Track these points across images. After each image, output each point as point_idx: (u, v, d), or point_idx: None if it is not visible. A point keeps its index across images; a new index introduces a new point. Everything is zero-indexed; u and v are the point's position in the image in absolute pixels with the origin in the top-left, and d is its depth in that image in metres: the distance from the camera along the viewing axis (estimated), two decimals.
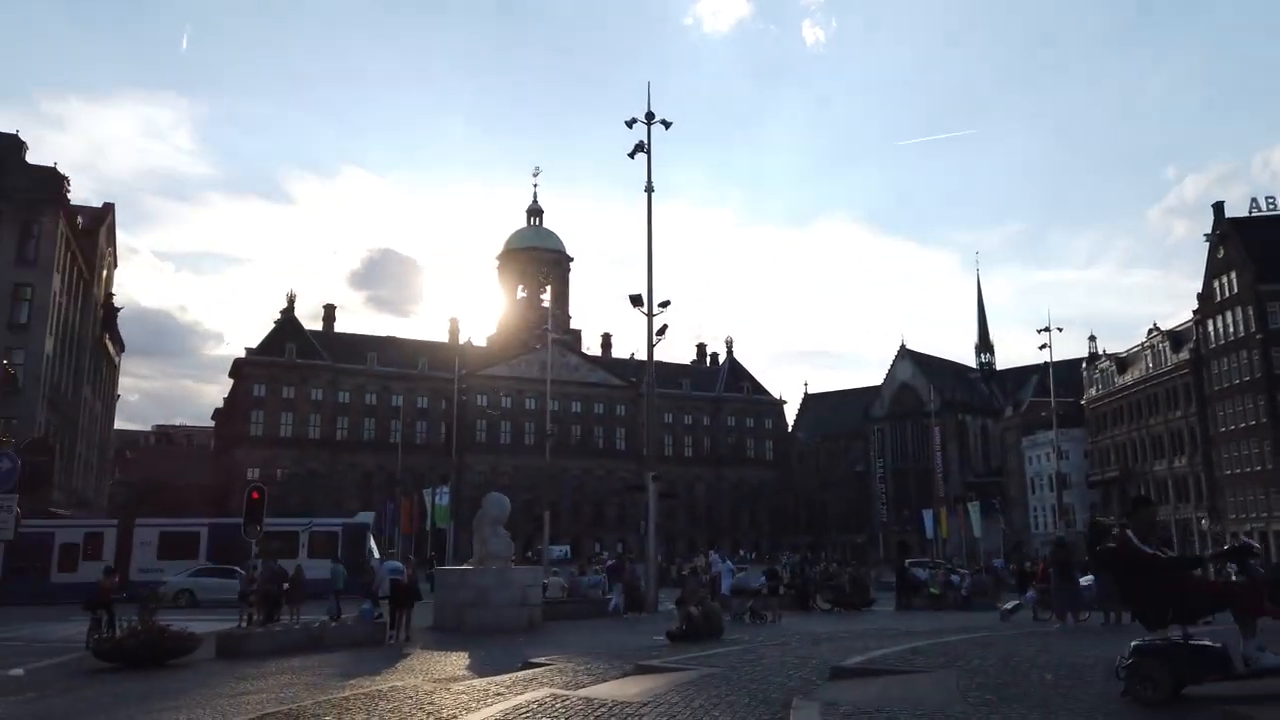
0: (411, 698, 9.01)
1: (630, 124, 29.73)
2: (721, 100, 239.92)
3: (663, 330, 28.72)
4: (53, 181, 52.23)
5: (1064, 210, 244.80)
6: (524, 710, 7.53)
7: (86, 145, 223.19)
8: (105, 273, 67.48)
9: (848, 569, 31.59)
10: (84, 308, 60.53)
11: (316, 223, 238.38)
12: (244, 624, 23.65)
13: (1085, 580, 17.10)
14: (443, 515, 63.68)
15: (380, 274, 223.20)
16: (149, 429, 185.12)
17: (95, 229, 62.97)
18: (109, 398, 78.42)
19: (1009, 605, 23.00)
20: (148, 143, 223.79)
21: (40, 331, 49.11)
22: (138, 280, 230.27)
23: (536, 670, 11.21)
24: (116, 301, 70.39)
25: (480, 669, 13.11)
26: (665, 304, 28.98)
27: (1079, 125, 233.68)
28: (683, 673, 9.69)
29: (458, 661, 14.34)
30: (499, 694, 9.02)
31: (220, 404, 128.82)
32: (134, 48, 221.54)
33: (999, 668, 8.66)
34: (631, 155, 29.69)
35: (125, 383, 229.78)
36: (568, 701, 7.83)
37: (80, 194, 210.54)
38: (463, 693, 9.25)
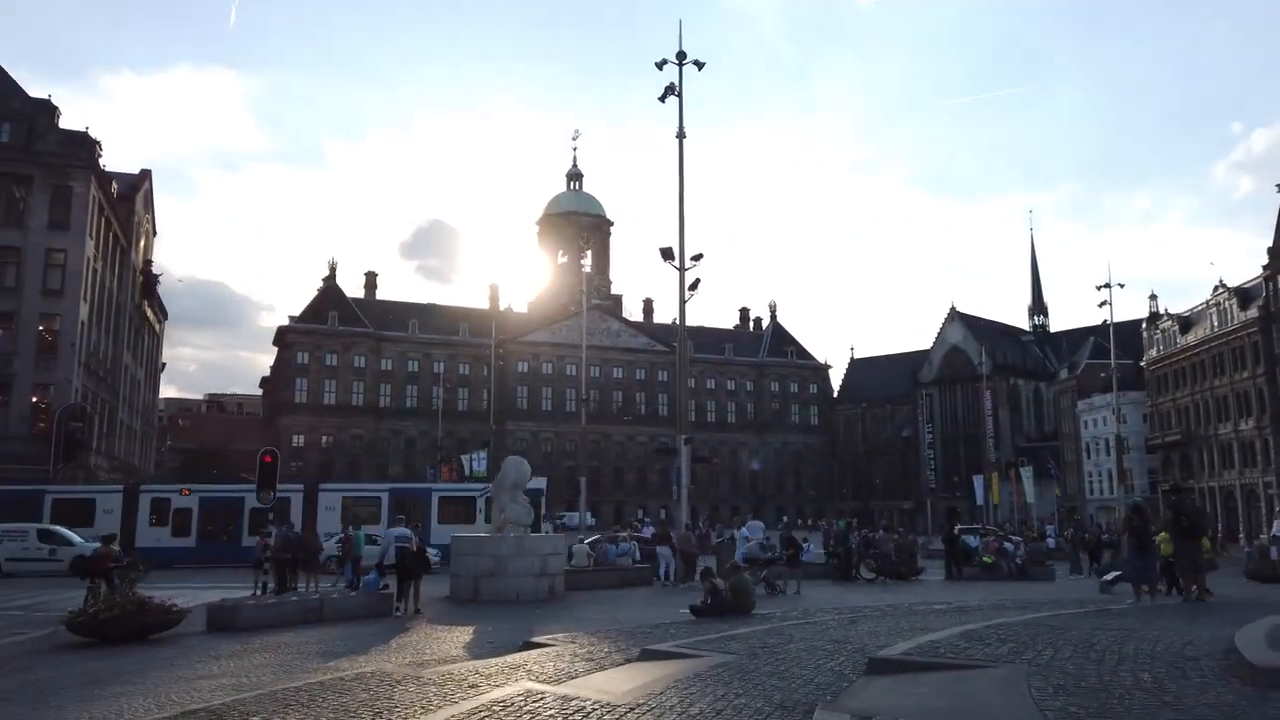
0: (370, 690, 7.65)
1: (660, 65, 27.87)
2: (767, 61, 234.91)
3: (695, 285, 26.94)
4: (84, 146, 51.75)
5: (1122, 168, 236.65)
6: (485, 714, 6.10)
7: (139, 119, 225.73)
8: (143, 240, 67.29)
9: (894, 536, 29.80)
10: (121, 274, 60.31)
11: (361, 191, 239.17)
12: (257, 593, 22.79)
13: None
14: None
15: (429, 244, 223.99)
16: (201, 398, 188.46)
17: (131, 195, 62.67)
18: (153, 366, 78.75)
19: (1110, 576, 21.14)
20: (200, 116, 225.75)
21: (74, 297, 48.78)
22: (192, 252, 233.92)
23: (529, 654, 9.83)
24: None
25: (475, 649, 11.78)
26: (698, 257, 27.22)
27: (1138, 80, 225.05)
28: (692, 661, 8.21)
29: (456, 639, 13.03)
30: (473, 686, 7.64)
31: (268, 373, 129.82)
32: (184, 25, 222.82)
33: (1079, 661, 7.00)
34: (662, 99, 27.85)
35: (184, 353, 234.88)
36: (542, 700, 6.40)
37: (133, 168, 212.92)
38: (430, 683, 7.88)
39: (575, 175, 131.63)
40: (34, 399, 47.61)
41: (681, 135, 28.37)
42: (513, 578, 19.38)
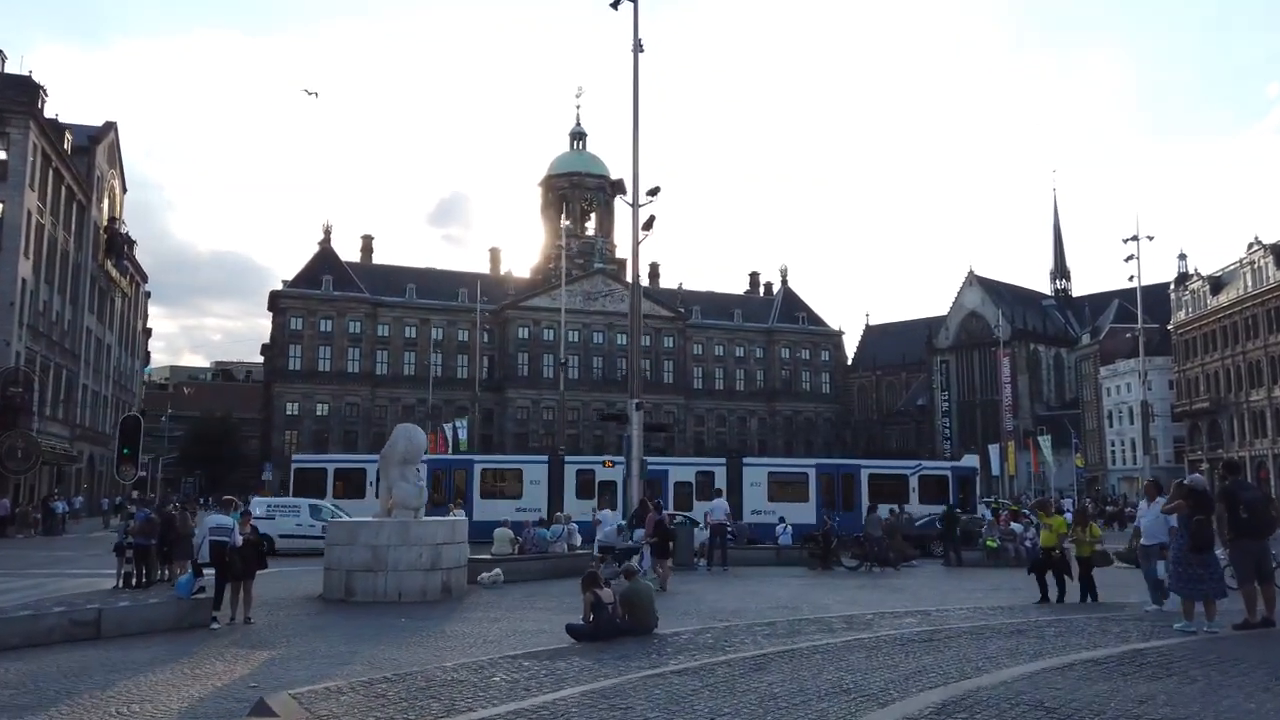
0: None
1: None
2: (781, 14, 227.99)
3: (649, 223, 23.02)
4: (26, 90, 48.09)
5: (1153, 131, 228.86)
6: None
7: (158, 86, 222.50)
8: (107, 198, 63.61)
9: (883, 516, 25.76)
10: (79, 231, 56.79)
11: (384, 160, 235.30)
12: (119, 585, 19.40)
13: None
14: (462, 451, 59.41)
15: (454, 214, 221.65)
16: (209, 365, 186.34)
17: (91, 148, 58.94)
18: (129, 330, 75.42)
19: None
20: (219, 82, 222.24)
21: (13, 252, 45.26)
22: (216, 224, 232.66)
23: None
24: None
25: (205, 708, 8.05)
26: (654, 191, 23.28)
27: (1171, 41, 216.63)
28: None
29: (210, 682, 9.31)
30: None
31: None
32: None
33: None
34: (614, 5, 23.74)
35: (209, 323, 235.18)
36: None
37: (152, 134, 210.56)
38: None
39: (579, 135, 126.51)
40: None
41: (638, 49, 24.27)
42: (394, 573, 15.72)
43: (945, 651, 8.68)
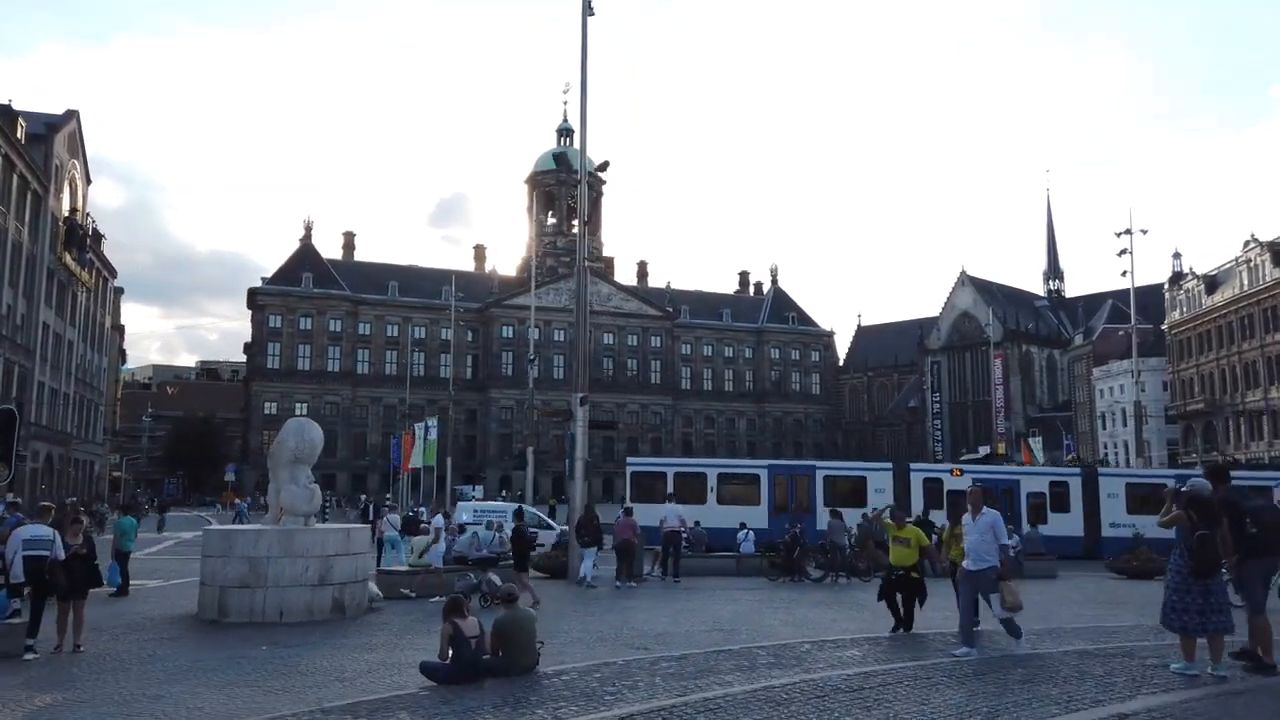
0: None
1: None
2: (771, 15, 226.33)
3: (597, 201, 20.98)
4: None
5: (1147, 130, 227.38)
6: None
7: (161, 85, 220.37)
8: (67, 188, 61.38)
9: (855, 523, 23.73)
10: (33, 222, 54.61)
11: (378, 154, 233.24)
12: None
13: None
14: (431, 453, 56.83)
15: (454, 214, 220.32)
16: (194, 364, 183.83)
17: (49, 136, 56.75)
18: (95, 327, 73.11)
19: None
20: (222, 83, 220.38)
21: None
22: (215, 223, 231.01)
23: None
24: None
25: None
26: (604, 166, 21.26)
27: (1168, 42, 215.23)
28: None
29: None
30: None
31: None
32: None
33: None
34: None
35: (207, 323, 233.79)
36: None
37: (158, 137, 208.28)
38: None
39: (566, 131, 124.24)
40: None
41: (587, 11, 22.29)
42: (274, 589, 13.68)
43: (873, 710, 6.69)
